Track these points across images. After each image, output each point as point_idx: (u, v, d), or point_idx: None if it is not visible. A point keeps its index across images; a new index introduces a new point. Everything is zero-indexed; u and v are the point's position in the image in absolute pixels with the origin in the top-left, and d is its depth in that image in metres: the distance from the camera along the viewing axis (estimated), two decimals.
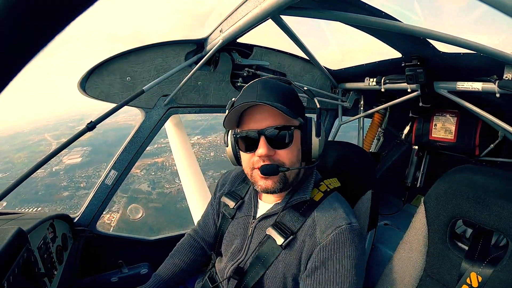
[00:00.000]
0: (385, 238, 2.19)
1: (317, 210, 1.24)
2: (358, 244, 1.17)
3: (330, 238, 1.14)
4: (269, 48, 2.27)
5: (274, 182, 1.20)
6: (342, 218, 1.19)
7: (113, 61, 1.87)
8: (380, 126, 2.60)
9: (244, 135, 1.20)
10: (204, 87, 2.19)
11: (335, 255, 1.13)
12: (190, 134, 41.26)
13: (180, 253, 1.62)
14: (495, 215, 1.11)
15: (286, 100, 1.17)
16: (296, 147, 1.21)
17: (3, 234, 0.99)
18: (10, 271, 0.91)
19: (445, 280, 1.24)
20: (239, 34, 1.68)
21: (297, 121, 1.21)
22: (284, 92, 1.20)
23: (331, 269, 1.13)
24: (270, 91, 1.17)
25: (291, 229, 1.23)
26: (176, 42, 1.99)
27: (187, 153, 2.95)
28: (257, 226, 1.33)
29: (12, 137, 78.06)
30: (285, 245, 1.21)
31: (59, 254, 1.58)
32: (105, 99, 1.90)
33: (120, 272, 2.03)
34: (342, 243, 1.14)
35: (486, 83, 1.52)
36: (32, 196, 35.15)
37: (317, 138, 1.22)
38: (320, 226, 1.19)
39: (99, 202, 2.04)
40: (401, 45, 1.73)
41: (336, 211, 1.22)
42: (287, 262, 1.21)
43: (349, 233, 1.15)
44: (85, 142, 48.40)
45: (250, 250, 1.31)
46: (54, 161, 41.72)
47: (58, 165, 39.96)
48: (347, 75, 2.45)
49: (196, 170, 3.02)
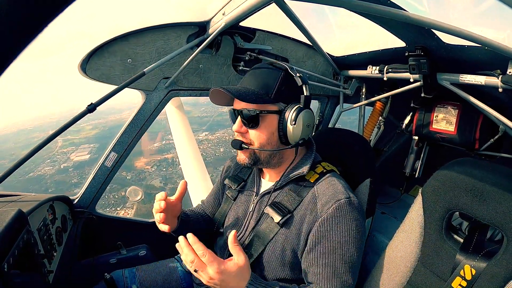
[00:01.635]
0: (382, 226, 2.21)
1: (317, 186, 1.31)
2: (358, 217, 1.24)
3: (330, 211, 1.21)
4: (271, 32, 2.23)
5: (245, 157, 1.34)
6: (341, 193, 1.26)
7: (114, 43, 1.84)
8: (381, 115, 2.59)
9: (231, 112, 1.36)
10: (205, 70, 2.16)
11: (335, 227, 1.20)
12: (198, 131, 41.62)
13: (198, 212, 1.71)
14: (491, 209, 1.12)
15: (267, 86, 1.26)
16: (268, 130, 1.30)
17: (3, 216, 0.99)
18: (10, 253, 0.91)
19: (439, 271, 1.26)
20: (242, 18, 1.65)
21: (275, 106, 1.28)
22: (267, 78, 1.29)
23: (332, 241, 1.20)
24: (255, 77, 1.31)
25: (288, 208, 1.30)
26: (178, 24, 1.95)
27: (188, 136, 2.95)
28: (259, 202, 1.41)
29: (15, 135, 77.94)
30: (282, 222, 1.28)
31: (59, 235, 1.59)
32: (105, 81, 1.88)
33: (119, 253, 2.04)
34: (342, 216, 1.21)
35: (489, 77, 1.51)
36: (42, 193, 35.27)
37: (291, 125, 1.26)
38: (320, 200, 1.26)
39: (99, 184, 2.05)
40: (405, 35, 1.71)
41: (335, 186, 1.29)
42: (286, 236, 1.28)
43: (348, 206, 1.22)
44: (91, 139, 48.54)
45: (250, 227, 1.39)
46: (62, 158, 41.84)
47: (66, 162, 39.99)
48: (349, 62, 2.42)
49: (196, 152, 3.03)
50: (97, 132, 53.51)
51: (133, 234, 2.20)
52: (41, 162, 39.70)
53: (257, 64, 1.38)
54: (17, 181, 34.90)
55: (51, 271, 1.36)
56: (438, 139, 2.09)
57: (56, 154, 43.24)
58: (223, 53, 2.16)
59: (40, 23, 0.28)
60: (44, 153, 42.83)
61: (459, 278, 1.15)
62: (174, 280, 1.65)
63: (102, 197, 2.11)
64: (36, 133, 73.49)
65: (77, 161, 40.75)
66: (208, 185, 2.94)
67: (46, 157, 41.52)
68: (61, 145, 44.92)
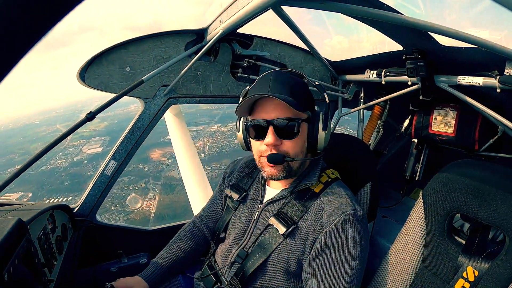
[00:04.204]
0: (383, 230, 2.20)
1: (323, 196, 1.31)
2: (362, 230, 1.23)
3: (336, 223, 1.20)
4: (269, 38, 2.24)
5: (279, 170, 1.28)
6: (347, 204, 1.25)
7: (113, 51, 1.86)
8: (380, 118, 2.60)
9: (254, 123, 1.28)
10: (204, 78, 2.18)
11: (339, 239, 1.19)
12: (209, 123, 41.78)
13: (180, 240, 1.66)
14: (493, 210, 1.11)
15: (296, 93, 1.24)
16: (302, 139, 1.28)
17: (3, 225, 0.99)
18: (10, 262, 0.91)
19: (442, 273, 1.25)
20: (239, 25, 1.66)
21: (305, 114, 1.29)
22: (295, 86, 1.27)
23: (335, 253, 1.19)
24: (282, 84, 1.24)
25: (293, 219, 1.29)
26: (176, 32, 1.97)
27: (187, 143, 2.95)
28: (263, 210, 1.40)
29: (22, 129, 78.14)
30: (287, 234, 1.27)
31: (59, 244, 1.58)
32: (104, 89, 1.89)
33: (120, 262, 2.03)
34: (347, 228, 1.20)
35: (487, 78, 1.51)
36: (58, 186, 35.81)
37: (323, 131, 1.29)
38: (326, 210, 1.25)
39: (99, 193, 2.04)
40: (402, 38, 1.72)
41: (341, 197, 1.29)
42: (292, 246, 1.27)
43: (354, 219, 1.22)
44: (103, 132, 49.25)
45: (254, 236, 1.38)
46: (74, 151, 42.15)
47: (78, 155, 40.49)
48: (347, 67, 2.44)
49: (195, 160, 3.02)
50: (107, 125, 53.85)
51: (134, 242, 2.20)
52: (53, 156, 40.13)
53: (273, 70, 1.35)
54: (30, 175, 35.03)
55: (51, 280, 1.35)
56: (437, 141, 2.09)
57: (67, 147, 43.63)
58: (221, 60, 2.17)
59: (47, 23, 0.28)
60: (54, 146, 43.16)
61: (462, 280, 1.15)
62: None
63: (122, 188, 2.11)
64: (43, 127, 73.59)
65: (90, 154, 41.34)
66: (208, 192, 2.93)
67: (57, 150, 41.64)
68: (70, 138, 44.89)
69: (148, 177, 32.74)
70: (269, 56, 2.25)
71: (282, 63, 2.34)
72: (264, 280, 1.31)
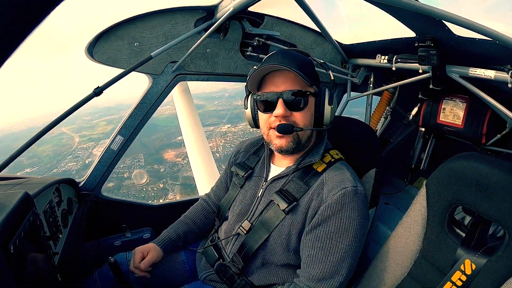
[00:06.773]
0: (385, 217, 2.22)
1: (326, 172, 1.35)
2: (361, 207, 1.26)
3: (335, 198, 1.24)
4: (280, 18, 2.20)
5: (288, 142, 1.32)
6: (349, 180, 1.28)
7: (121, 26, 1.84)
8: (389, 105, 2.56)
9: (264, 97, 1.33)
10: (213, 55, 2.15)
11: (337, 213, 1.22)
12: (219, 124, 42.00)
13: (193, 215, 1.74)
14: (495, 205, 1.11)
15: (304, 68, 1.27)
16: (309, 112, 1.33)
17: (10, 198, 1.01)
18: (16, 235, 0.93)
19: (440, 264, 1.27)
20: (250, 3, 1.64)
21: (312, 89, 1.33)
22: (302, 62, 1.31)
23: (331, 227, 1.22)
24: (290, 60, 1.27)
25: (294, 196, 1.33)
26: (186, 8, 1.93)
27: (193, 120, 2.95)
28: (268, 188, 1.44)
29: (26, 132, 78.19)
30: (288, 210, 1.31)
31: (64, 217, 1.61)
32: (112, 65, 1.88)
33: (124, 236, 2.08)
34: (346, 204, 1.23)
35: (499, 72, 1.48)
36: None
37: (329, 106, 1.34)
38: (327, 185, 1.29)
39: (105, 167, 2.06)
40: (416, 25, 1.67)
41: (343, 173, 1.32)
42: (293, 221, 1.31)
43: (354, 195, 1.24)
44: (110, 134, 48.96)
45: (257, 212, 1.42)
46: (84, 154, 42.41)
47: (89, 157, 40.48)
48: (358, 50, 2.39)
49: (201, 137, 3.03)
50: (113, 127, 53.94)
51: (138, 217, 2.23)
52: (62, 159, 40.43)
53: (280, 49, 1.38)
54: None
55: (56, 253, 1.38)
56: (445, 131, 2.07)
57: (76, 150, 43.87)
58: (231, 38, 2.14)
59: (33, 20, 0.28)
60: (63, 149, 44.05)
61: (459, 272, 1.16)
62: (177, 264, 1.67)
63: (140, 189, 2.14)
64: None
65: None
66: (213, 170, 2.95)
67: (66, 153, 42.40)
68: (79, 141, 45.56)
69: (165, 178, 33.00)
70: (279, 36, 2.21)
71: (292, 43, 2.30)
72: (265, 256, 1.35)
